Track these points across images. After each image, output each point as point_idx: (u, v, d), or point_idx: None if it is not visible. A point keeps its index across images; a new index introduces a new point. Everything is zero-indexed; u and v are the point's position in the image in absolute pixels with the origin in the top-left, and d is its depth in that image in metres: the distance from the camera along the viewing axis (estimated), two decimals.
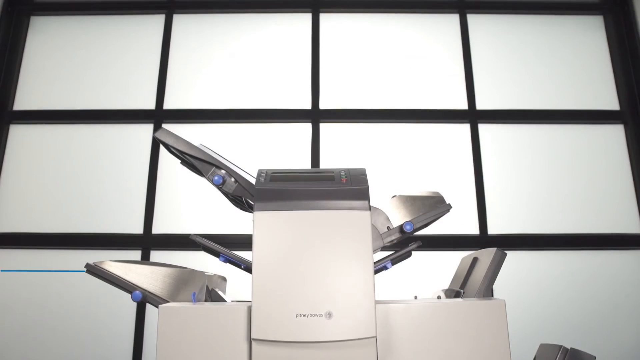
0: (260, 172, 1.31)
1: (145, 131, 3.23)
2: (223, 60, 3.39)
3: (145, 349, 2.86)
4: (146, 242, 3.02)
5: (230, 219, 2.96)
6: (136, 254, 3.00)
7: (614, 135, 3.25)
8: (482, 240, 2.99)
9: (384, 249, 1.38)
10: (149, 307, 2.88)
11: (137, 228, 3.05)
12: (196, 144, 1.43)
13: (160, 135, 1.42)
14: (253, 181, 1.34)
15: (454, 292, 1.48)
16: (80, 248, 3.02)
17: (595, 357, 1.31)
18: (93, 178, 3.16)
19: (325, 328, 1.10)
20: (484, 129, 3.25)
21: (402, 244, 1.41)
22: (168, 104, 3.30)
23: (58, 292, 2.95)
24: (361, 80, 3.36)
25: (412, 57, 3.40)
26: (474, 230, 3.05)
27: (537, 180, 3.16)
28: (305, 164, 3.15)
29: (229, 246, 1.44)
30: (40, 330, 2.91)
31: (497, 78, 3.36)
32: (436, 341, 1.16)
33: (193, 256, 2.88)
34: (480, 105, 3.29)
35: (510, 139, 3.24)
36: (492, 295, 1.35)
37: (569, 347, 1.39)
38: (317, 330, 1.10)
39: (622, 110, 3.27)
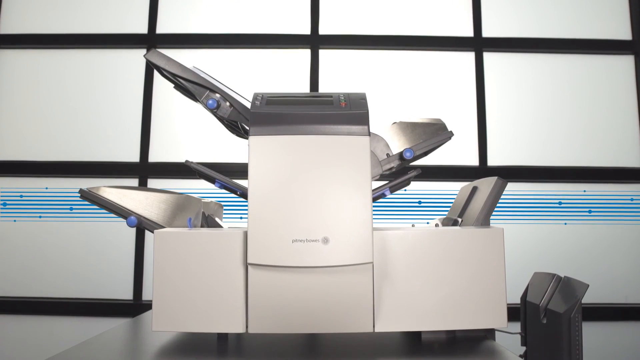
0: (255, 96, 1.26)
1: (138, 56, 3.12)
2: None
3: (145, 275, 2.92)
4: (143, 170, 3.00)
5: (227, 148, 2.94)
6: (133, 182, 3.00)
7: (623, 66, 3.15)
8: (481, 171, 2.97)
9: (382, 176, 1.35)
10: (148, 234, 2.91)
11: (134, 156, 3.03)
12: (189, 67, 1.36)
13: (151, 56, 1.35)
14: (249, 106, 1.29)
15: (451, 221, 1.47)
16: (77, 176, 3.01)
17: (588, 285, 1.32)
18: (87, 105, 3.09)
19: (322, 253, 1.09)
20: (489, 58, 3.13)
21: (401, 172, 1.39)
22: (161, 28, 3.16)
23: (57, 220, 2.97)
24: (363, 4, 3.20)
25: None
26: (474, 161, 3.03)
27: (540, 111, 3.09)
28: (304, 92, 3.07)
29: (226, 174, 1.41)
30: (42, 260, 2.95)
31: (504, 4, 3.20)
32: (432, 268, 1.16)
33: (190, 184, 2.88)
34: (487, 33, 3.16)
35: (515, 69, 3.14)
36: (489, 225, 1.34)
37: (562, 276, 1.40)
38: (314, 255, 1.09)
39: (635, 40, 3.14)
